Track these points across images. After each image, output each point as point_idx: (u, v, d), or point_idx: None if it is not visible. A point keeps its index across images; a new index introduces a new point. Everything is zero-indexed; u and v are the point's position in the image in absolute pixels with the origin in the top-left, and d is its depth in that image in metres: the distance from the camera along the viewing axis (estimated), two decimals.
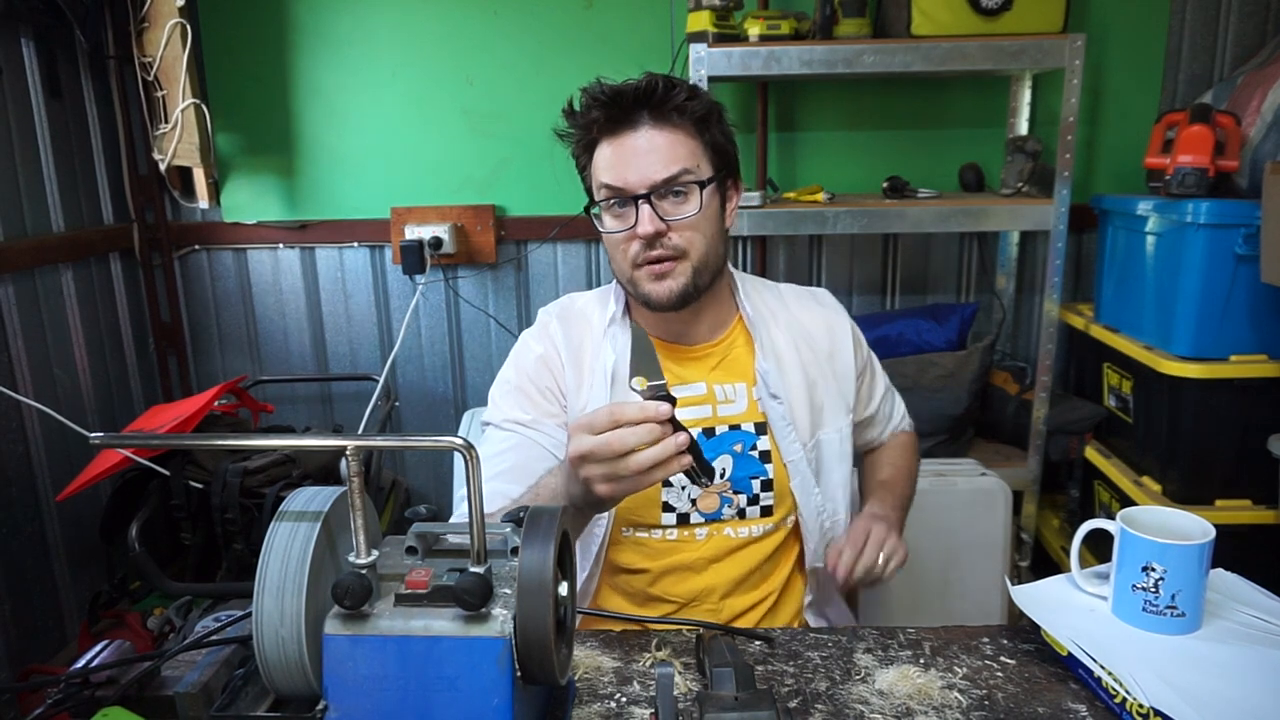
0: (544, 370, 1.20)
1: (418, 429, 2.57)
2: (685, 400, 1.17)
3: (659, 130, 1.10)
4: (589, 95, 1.11)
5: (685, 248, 1.11)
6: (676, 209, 1.10)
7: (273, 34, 2.33)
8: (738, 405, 1.19)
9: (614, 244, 1.14)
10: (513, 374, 1.21)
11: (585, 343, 1.21)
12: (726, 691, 0.78)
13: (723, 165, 1.15)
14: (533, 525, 0.72)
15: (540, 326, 1.24)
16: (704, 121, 1.12)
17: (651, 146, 1.09)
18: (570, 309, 1.26)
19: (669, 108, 1.09)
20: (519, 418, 1.18)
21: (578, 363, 1.20)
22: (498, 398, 1.21)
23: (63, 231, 2.13)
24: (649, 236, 1.09)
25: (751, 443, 1.18)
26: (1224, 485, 1.84)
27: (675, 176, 1.09)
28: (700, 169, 1.11)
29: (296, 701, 0.72)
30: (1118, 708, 0.84)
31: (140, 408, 2.40)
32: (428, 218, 2.38)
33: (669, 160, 1.09)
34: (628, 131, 1.10)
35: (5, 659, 1.89)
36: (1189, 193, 1.79)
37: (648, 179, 1.08)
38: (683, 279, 1.12)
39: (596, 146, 1.13)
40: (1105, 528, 0.95)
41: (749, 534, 1.19)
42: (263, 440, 0.71)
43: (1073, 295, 2.42)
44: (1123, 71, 2.30)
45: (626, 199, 1.09)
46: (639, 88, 1.09)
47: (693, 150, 1.11)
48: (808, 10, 2.12)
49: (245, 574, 1.82)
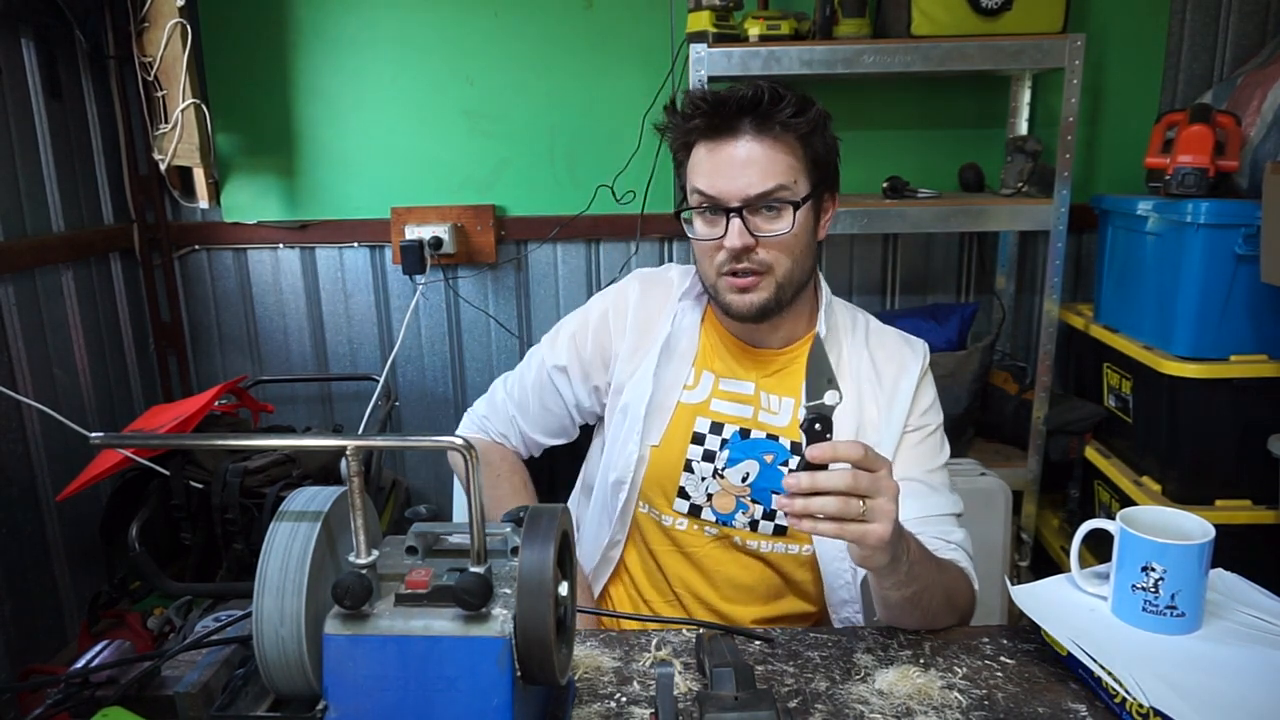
0: (600, 334, 1.23)
1: (418, 429, 2.57)
2: (731, 395, 1.18)
3: (759, 141, 1.06)
4: (692, 99, 1.09)
5: (772, 264, 1.08)
6: (768, 225, 1.07)
7: (273, 34, 2.33)
8: (780, 418, 1.16)
9: (702, 249, 1.12)
10: (575, 326, 1.26)
11: (661, 307, 1.22)
12: (726, 691, 0.78)
13: (821, 179, 1.12)
14: (533, 525, 0.72)
15: (620, 288, 1.26)
16: (808, 136, 1.09)
17: (750, 158, 1.06)
18: (659, 275, 1.27)
19: (773, 121, 1.06)
20: (557, 361, 1.25)
21: (645, 325, 1.21)
22: (557, 338, 1.27)
23: (63, 231, 2.13)
24: (737, 251, 1.06)
25: (784, 458, 1.15)
26: (1224, 485, 1.84)
27: (770, 192, 1.06)
28: (797, 186, 1.08)
29: (296, 701, 0.72)
30: (1118, 708, 0.84)
31: (140, 408, 2.39)
32: (428, 218, 2.38)
33: (766, 175, 1.06)
34: (728, 139, 1.07)
35: (5, 659, 1.89)
36: (1189, 193, 1.79)
37: (742, 192, 1.06)
38: (765, 294, 1.09)
39: (694, 147, 1.10)
40: (1105, 528, 0.95)
41: (757, 547, 1.16)
42: (263, 440, 0.71)
43: (1072, 295, 2.42)
44: (1123, 71, 2.30)
45: (719, 209, 1.07)
46: (744, 97, 1.06)
47: (792, 165, 1.07)
48: (808, 10, 2.12)
49: (245, 574, 1.81)
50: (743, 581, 1.17)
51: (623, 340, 1.22)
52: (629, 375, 1.20)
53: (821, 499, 0.83)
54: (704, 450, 1.16)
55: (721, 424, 1.16)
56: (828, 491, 0.83)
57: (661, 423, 1.17)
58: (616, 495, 1.18)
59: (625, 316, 1.22)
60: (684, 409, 1.17)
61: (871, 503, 0.84)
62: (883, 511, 0.84)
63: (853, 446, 0.84)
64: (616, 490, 1.18)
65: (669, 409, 1.17)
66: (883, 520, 0.84)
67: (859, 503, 0.83)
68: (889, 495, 0.85)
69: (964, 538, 1.12)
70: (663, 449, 1.17)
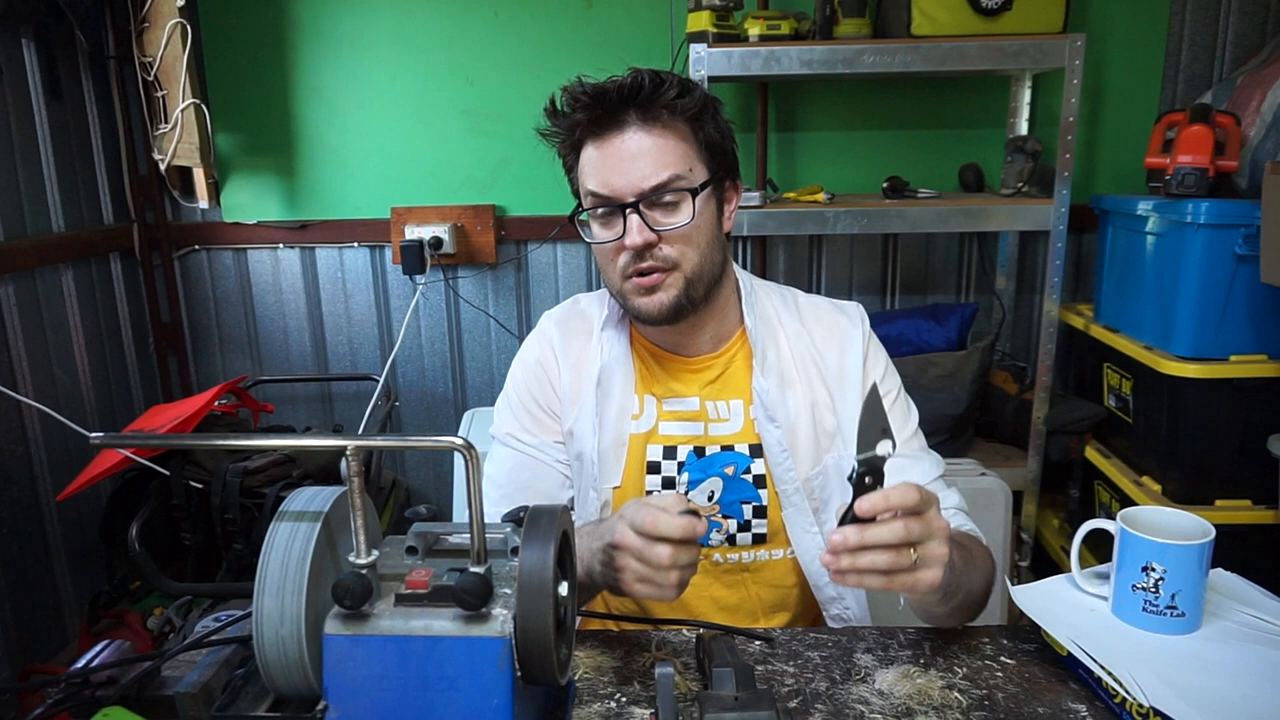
0: (541, 381, 1.16)
1: (418, 429, 2.57)
2: (676, 415, 1.13)
3: (647, 132, 1.01)
4: (570, 94, 1.04)
5: (677, 259, 1.03)
6: (667, 218, 1.02)
7: (273, 34, 2.33)
8: (732, 424, 1.12)
9: (603, 254, 1.07)
10: (513, 389, 1.18)
11: (586, 344, 1.16)
12: (726, 691, 0.78)
13: (719, 167, 1.07)
14: (533, 525, 0.72)
15: (538, 332, 1.20)
16: (698, 120, 1.03)
17: (640, 150, 1.01)
18: (571, 310, 1.21)
19: (658, 106, 1.01)
20: (522, 437, 1.15)
21: (577, 366, 1.15)
22: (502, 411, 1.19)
23: (63, 231, 2.13)
24: (638, 248, 1.02)
25: (745, 465, 1.11)
26: (1224, 485, 1.84)
27: (666, 183, 1.01)
28: (693, 173, 1.03)
29: (296, 701, 0.72)
30: (1118, 708, 0.84)
31: (140, 408, 2.40)
32: (428, 218, 2.38)
33: (659, 165, 1.01)
34: (614, 133, 1.02)
35: (5, 659, 1.89)
36: (1189, 193, 1.79)
37: (636, 186, 1.01)
38: (674, 291, 1.04)
39: (582, 148, 1.06)
40: (1105, 528, 0.95)
41: (738, 559, 1.13)
42: (263, 440, 0.72)
43: (1073, 295, 2.42)
44: (1123, 71, 2.30)
45: (614, 207, 1.03)
46: (624, 85, 1.01)
47: (685, 153, 1.03)
48: (808, 10, 2.12)
49: (245, 574, 1.82)
50: (728, 602, 1.14)
51: (560, 383, 1.15)
52: (574, 420, 1.13)
53: (871, 555, 0.78)
54: (662, 479, 1.11)
55: (674, 447, 1.12)
56: (878, 546, 0.78)
57: (619, 462, 1.11)
58: None
59: (556, 358, 1.16)
60: (635, 440, 1.12)
61: (923, 549, 0.79)
62: (935, 557, 0.80)
63: (906, 492, 0.78)
64: None
65: (623, 445, 1.12)
66: (935, 566, 0.80)
67: (910, 552, 0.78)
68: (941, 537, 0.80)
69: (958, 499, 1.09)
70: (624, 488, 1.11)
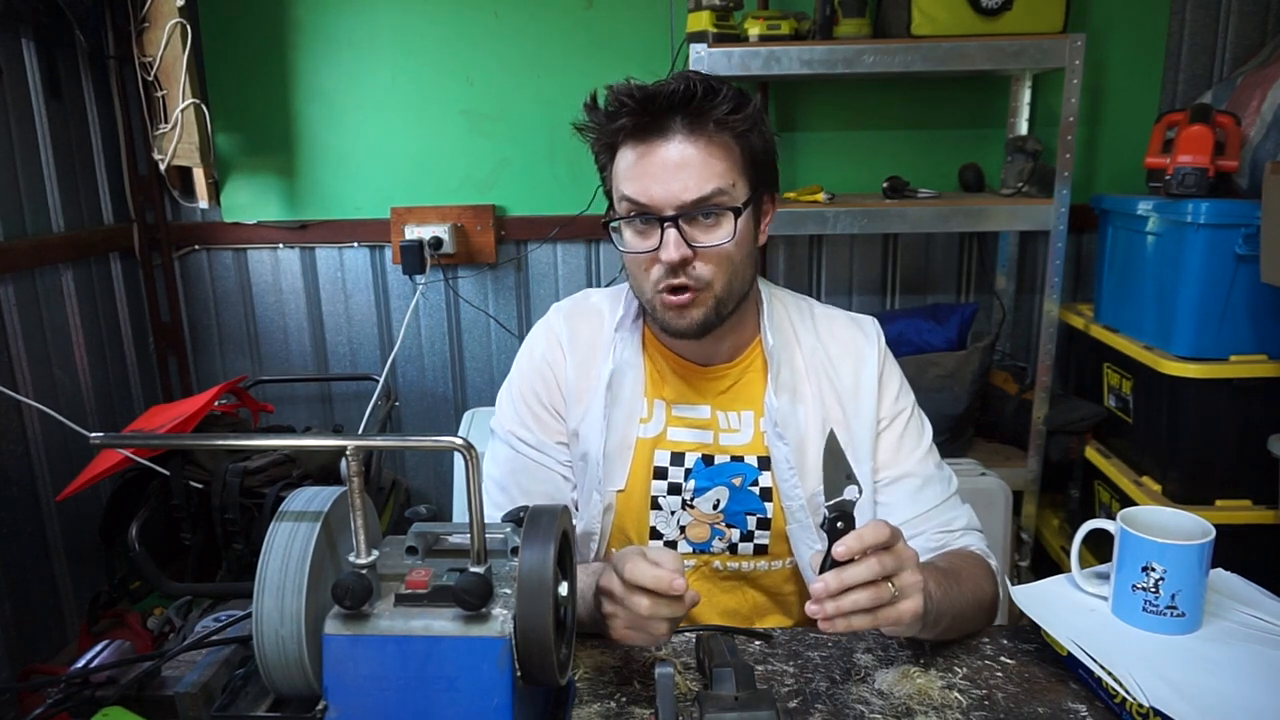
0: (546, 378, 1.13)
1: (418, 429, 2.57)
2: (686, 421, 1.11)
3: (693, 142, 0.96)
4: (616, 94, 0.98)
5: (710, 279, 0.99)
6: (706, 235, 0.98)
7: (273, 34, 2.33)
8: (742, 435, 1.10)
9: (635, 263, 1.03)
10: (517, 382, 1.15)
11: (596, 343, 1.13)
12: (726, 691, 0.78)
13: (760, 182, 1.03)
14: (533, 525, 0.72)
15: (546, 326, 1.17)
16: (746, 134, 0.99)
17: (683, 160, 0.96)
18: (581, 305, 1.17)
19: (708, 118, 0.96)
20: (523, 436, 1.13)
21: (585, 364, 1.12)
22: (504, 403, 1.16)
23: (63, 231, 2.13)
24: (674, 264, 0.97)
25: (753, 477, 1.09)
26: (1224, 485, 1.84)
27: (708, 198, 0.97)
28: (736, 190, 0.99)
29: (296, 701, 0.72)
30: (1118, 708, 0.84)
31: (140, 408, 2.39)
32: (428, 218, 2.38)
33: (702, 179, 0.96)
34: (657, 140, 0.97)
35: (5, 659, 1.89)
36: (1189, 193, 1.79)
37: (676, 198, 0.96)
38: (704, 309, 1.01)
39: (620, 149, 1.01)
40: (1105, 528, 0.95)
41: (738, 568, 1.12)
42: (263, 440, 0.72)
43: (1073, 295, 2.42)
44: (1123, 71, 2.30)
45: (651, 218, 0.98)
46: (675, 91, 0.95)
47: (730, 167, 0.98)
48: (808, 10, 2.12)
49: (245, 574, 1.81)
50: (726, 606, 1.14)
51: (565, 379, 1.12)
52: (580, 420, 1.11)
53: (853, 595, 0.80)
54: (669, 484, 1.10)
55: (682, 453, 1.10)
56: (856, 585, 0.81)
57: (624, 465, 1.09)
58: (587, 546, 1.11)
59: (564, 353, 1.13)
60: (642, 444, 1.10)
61: (898, 580, 0.82)
62: (911, 585, 0.83)
63: (877, 529, 0.82)
64: (587, 542, 1.11)
65: (629, 448, 1.10)
66: (912, 595, 0.83)
67: (889, 586, 0.82)
68: (911, 566, 0.83)
69: (968, 517, 1.09)
70: (628, 492, 1.10)
